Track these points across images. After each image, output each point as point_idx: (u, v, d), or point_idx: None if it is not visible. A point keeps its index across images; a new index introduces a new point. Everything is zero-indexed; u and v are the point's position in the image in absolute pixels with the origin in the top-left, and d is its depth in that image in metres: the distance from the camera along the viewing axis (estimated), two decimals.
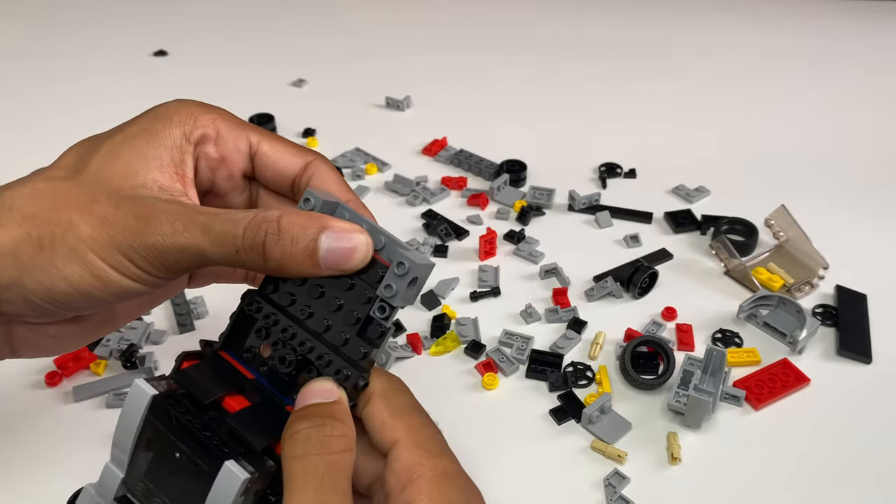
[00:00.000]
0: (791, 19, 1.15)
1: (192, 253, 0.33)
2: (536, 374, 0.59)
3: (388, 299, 0.33)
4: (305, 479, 0.30)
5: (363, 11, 1.19)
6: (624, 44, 1.10)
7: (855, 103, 0.95)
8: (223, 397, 0.34)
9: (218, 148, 0.38)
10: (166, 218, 0.33)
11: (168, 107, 0.38)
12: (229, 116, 0.39)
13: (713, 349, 0.55)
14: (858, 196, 0.79)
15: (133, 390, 0.33)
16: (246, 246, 0.33)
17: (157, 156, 0.36)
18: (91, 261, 0.33)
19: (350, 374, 0.33)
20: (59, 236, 0.33)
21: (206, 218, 0.34)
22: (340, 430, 0.32)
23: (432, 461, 0.32)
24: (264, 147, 0.39)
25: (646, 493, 0.51)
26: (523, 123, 0.91)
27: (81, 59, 1.06)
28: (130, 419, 0.33)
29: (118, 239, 0.33)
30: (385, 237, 0.34)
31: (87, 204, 0.34)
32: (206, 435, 0.32)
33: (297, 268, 0.33)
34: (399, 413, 0.33)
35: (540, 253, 0.71)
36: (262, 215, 0.33)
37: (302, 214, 0.33)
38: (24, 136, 0.91)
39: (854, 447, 0.54)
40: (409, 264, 0.32)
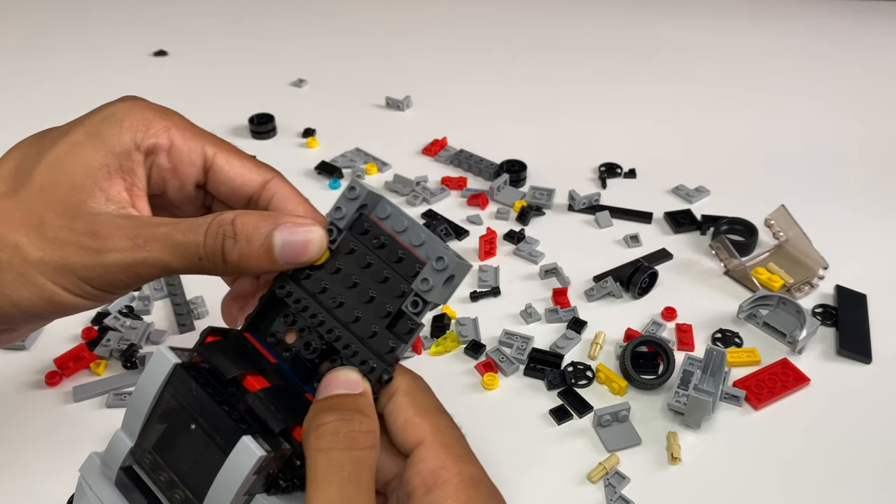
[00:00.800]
0: (791, 19, 1.15)
1: (153, 266, 0.33)
2: (535, 373, 0.59)
3: (424, 294, 0.33)
4: (331, 473, 0.30)
5: (363, 11, 1.19)
6: (624, 44, 1.10)
7: (855, 103, 0.95)
8: (244, 375, 0.33)
9: (171, 159, 0.37)
10: (125, 234, 0.33)
11: (118, 108, 0.36)
12: (185, 124, 0.37)
13: (713, 349, 0.55)
14: (858, 196, 0.79)
15: (156, 356, 0.33)
16: (208, 253, 0.33)
17: (105, 164, 0.34)
18: (42, 284, 0.32)
19: (375, 367, 0.33)
20: (6, 262, 0.32)
21: (166, 230, 0.33)
22: (368, 425, 0.32)
23: (459, 466, 0.32)
24: (220, 161, 0.37)
25: (646, 493, 0.51)
26: (523, 123, 0.91)
27: (81, 58, 1.06)
28: (149, 385, 0.33)
29: (73, 260, 0.32)
30: (424, 234, 0.34)
31: (34, 225, 0.33)
32: (224, 409, 0.31)
33: (256, 265, 0.33)
34: (424, 413, 0.33)
35: (540, 253, 0.71)
36: (218, 219, 0.33)
37: (255, 214, 0.33)
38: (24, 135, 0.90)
39: (854, 447, 0.54)
40: (449, 260, 0.32)
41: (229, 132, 0.90)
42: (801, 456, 0.54)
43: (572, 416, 0.56)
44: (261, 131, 0.88)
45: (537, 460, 0.54)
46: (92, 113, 0.36)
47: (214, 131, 0.99)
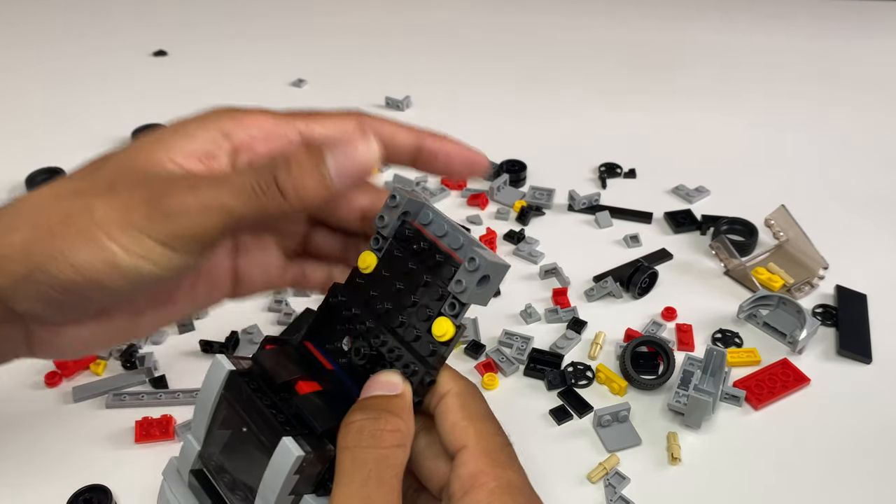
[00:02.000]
0: (791, 19, 1.15)
1: (213, 209, 0.32)
2: (535, 374, 0.59)
3: (458, 295, 0.33)
4: (353, 470, 0.31)
5: (363, 11, 1.19)
6: (624, 44, 1.10)
7: (855, 103, 0.95)
8: (297, 380, 0.34)
9: (269, 144, 0.37)
10: (184, 181, 0.33)
11: (207, 112, 0.38)
12: (272, 114, 0.39)
13: (713, 349, 0.55)
14: (859, 196, 0.79)
15: (212, 365, 0.34)
16: (262, 186, 0.33)
17: (183, 146, 0.35)
18: (101, 243, 0.32)
19: (417, 370, 0.34)
20: (72, 221, 0.32)
21: (224, 174, 0.34)
22: (394, 424, 0.32)
23: (497, 471, 0.32)
24: (315, 129, 0.38)
25: (646, 493, 0.51)
26: (523, 123, 0.91)
27: (81, 57, 1.06)
28: (208, 393, 0.34)
29: (134, 212, 0.32)
30: (463, 237, 0.34)
31: (104, 190, 0.33)
32: (272, 412, 0.32)
33: (313, 192, 0.33)
34: (472, 418, 0.34)
35: (540, 253, 0.71)
36: (272, 156, 0.34)
37: (306, 145, 0.34)
38: (24, 136, 0.90)
39: (854, 447, 0.54)
40: (480, 260, 0.33)
41: None
42: (801, 456, 0.54)
43: (572, 417, 0.56)
44: None
45: (537, 460, 0.54)
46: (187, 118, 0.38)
47: None
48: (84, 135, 0.89)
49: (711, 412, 0.55)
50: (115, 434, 0.55)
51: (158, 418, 0.54)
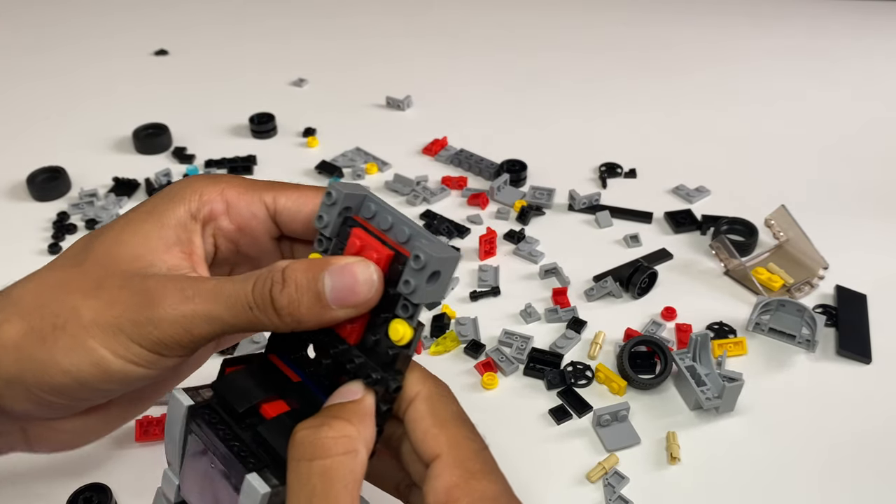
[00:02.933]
0: (791, 19, 1.15)
1: (203, 319, 0.32)
2: (535, 373, 0.59)
3: (409, 296, 0.31)
4: (298, 488, 0.29)
5: (363, 11, 1.19)
6: (624, 43, 1.10)
7: (855, 103, 0.95)
8: (261, 403, 0.33)
9: (232, 219, 0.37)
10: (175, 287, 0.32)
11: (172, 187, 0.37)
12: (239, 182, 0.37)
13: (695, 335, 0.57)
14: (858, 196, 0.79)
15: (171, 401, 0.33)
16: (257, 302, 0.32)
17: (162, 236, 0.35)
18: (91, 348, 0.32)
19: (380, 378, 0.32)
20: (60, 326, 0.32)
21: (215, 282, 0.32)
22: (339, 430, 0.30)
23: (472, 484, 0.30)
24: (282, 201, 0.37)
25: (645, 493, 0.51)
26: (523, 123, 0.91)
27: (82, 57, 1.07)
28: (173, 430, 0.33)
29: (123, 318, 0.32)
30: (409, 228, 0.32)
31: (91, 289, 0.33)
32: (234, 446, 0.31)
33: (307, 313, 0.32)
34: (443, 423, 0.32)
35: (540, 253, 0.71)
36: (269, 268, 0.32)
37: (305, 261, 0.32)
38: (24, 136, 0.91)
39: (854, 447, 0.54)
40: (426, 257, 0.30)
41: (229, 132, 0.90)
42: (800, 456, 0.54)
43: (572, 416, 0.56)
44: (261, 131, 0.88)
45: (536, 460, 0.54)
46: (151, 196, 0.38)
47: (215, 131, 1.00)
48: (85, 134, 0.89)
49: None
50: (116, 433, 0.54)
51: (159, 417, 0.54)
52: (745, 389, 0.57)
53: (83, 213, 0.76)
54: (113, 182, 0.80)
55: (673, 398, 0.58)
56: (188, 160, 0.84)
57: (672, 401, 0.58)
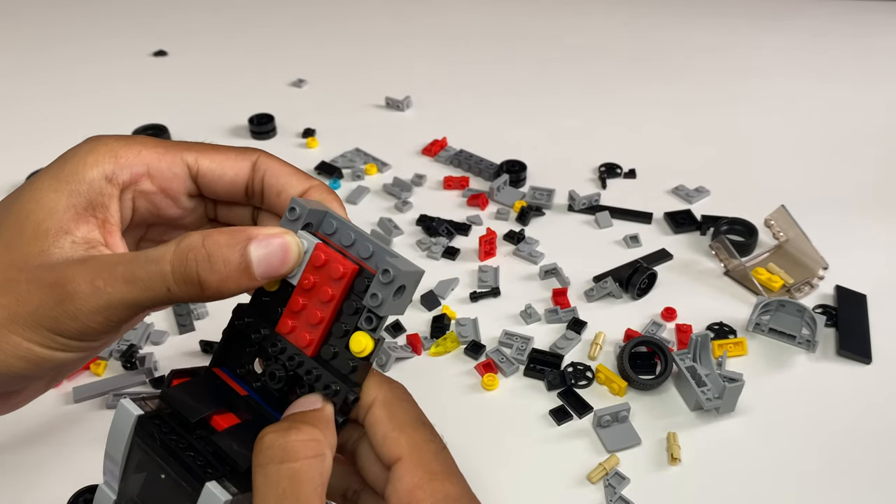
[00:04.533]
0: (791, 19, 1.15)
1: (121, 307, 0.31)
2: (535, 374, 0.59)
3: (375, 309, 0.32)
4: (267, 490, 0.29)
5: (363, 12, 1.19)
6: (624, 44, 1.10)
7: (855, 103, 0.95)
8: (211, 416, 0.33)
9: (154, 180, 0.35)
10: (83, 278, 0.31)
11: (79, 147, 0.35)
12: (155, 143, 0.36)
13: (695, 335, 0.57)
14: (858, 196, 0.79)
15: (118, 411, 0.32)
16: (178, 281, 0.31)
17: (72, 203, 0.33)
18: (15, 343, 0.31)
19: (339, 389, 0.32)
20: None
21: (125, 267, 0.31)
22: (308, 434, 0.30)
23: (433, 485, 0.31)
24: (204, 163, 0.36)
25: (646, 493, 0.51)
26: (523, 123, 0.91)
27: (81, 59, 1.06)
28: (118, 440, 0.32)
29: (39, 314, 0.31)
30: (372, 245, 0.33)
31: (0, 284, 0.32)
32: (189, 455, 0.31)
33: (234, 285, 0.31)
34: (402, 426, 0.32)
35: (540, 253, 0.71)
36: (184, 244, 0.31)
37: (224, 232, 0.31)
38: (24, 136, 0.91)
39: (854, 447, 0.54)
40: (395, 272, 0.31)
41: (229, 132, 0.90)
42: (800, 456, 0.54)
43: (572, 417, 0.56)
44: (261, 131, 0.88)
45: (537, 461, 0.54)
46: (57, 159, 0.35)
47: (214, 131, 1.00)
48: (84, 135, 0.89)
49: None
50: None
51: None
52: (746, 390, 0.57)
53: None
54: None
55: (673, 399, 0.58)
56: None
57: (672, 401, 0.58)
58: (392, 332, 0.63)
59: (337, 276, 0.33)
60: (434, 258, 0.71)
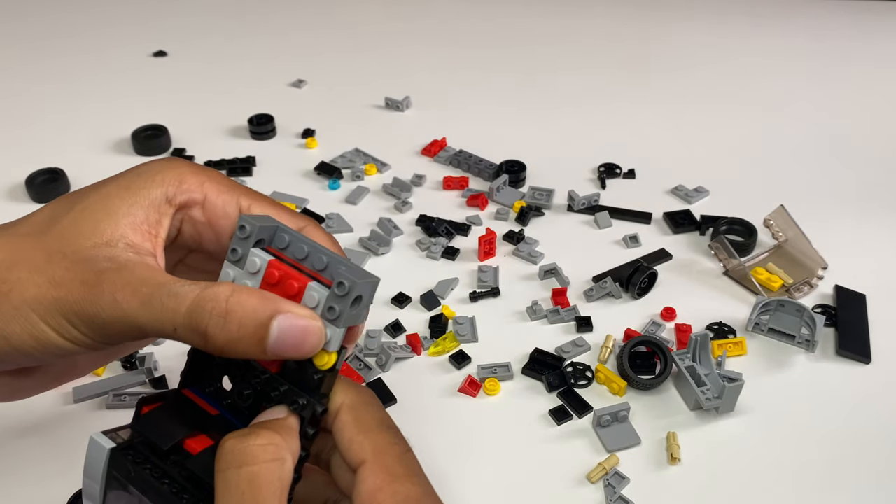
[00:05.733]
0: (791, 19, 1.15)
1: (131, 326, 0.32)
2: (534, 374, 0.59)
3: (333, 322, 0.32)
4: (227, 494, 0.29)
5: (363, 11, 1.19)
6: (624, 44, 1.10)
7: (854, 103, 0.95)
8: (184, 440, 0.33)
9: (205, 212, 0.37)
10: (109, 287, 0.32)
11: (153, 164, 0.37)
12: (220, 179, 0.37)
13: (695, 335, 0.57)
14: (858, 196, 0.79)
15: (90, 446, 0.32)
16: (184, 325, 0.31)
17: (131, 213, 0.35)
18: (33, 322, 0.32)
19: (305, 403, 0.32)
20: (4, 293, 0.32)
21: (148, 291, 0.31)
22: (266, 438, 0.30)
23: (395, 486, 0.31)
24: (255, 210, 0.37)
25: (646, 493, 0.51)
26: (523, 123, 0.91)
27: (81, 58, 1.06)
28: (93, 475, 0.32)
29: (62, 303, 0.32)
30: (326, 256, 0.32)
31: (40, 263, 0.33)
32: (165, 483, 0.31)
33: (242, 351, 0.31)
34: (367, 431, 0.33)
35: (539, 253, 0.71)
36: (209, 293, 0.31)
37: (254, 295, 0.31)
38: (23, 136, 0.91)
39: (854, 447, 0.54)
40: (350, 283, 0.31)
41: (229, 133, 0.90)
42: (800, 456, 0.54)
43: (572, 417, 0.56)
44: (260, 132, 0.88)
45: (537, 461, 0.54)
46: (130, 169, 0.37)
47: (214, 132, 1.00)
48: (84, 135, 0.89)
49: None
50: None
51: None
52: (745, 389, 0.57)
53: None
54: None
55: (673, 398, 0.58)
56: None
57: (672, 401, 0.58)
58: (392, 332, 0.63)
59: (293, 293, 0.32)
60: (434, 258, 0.71)
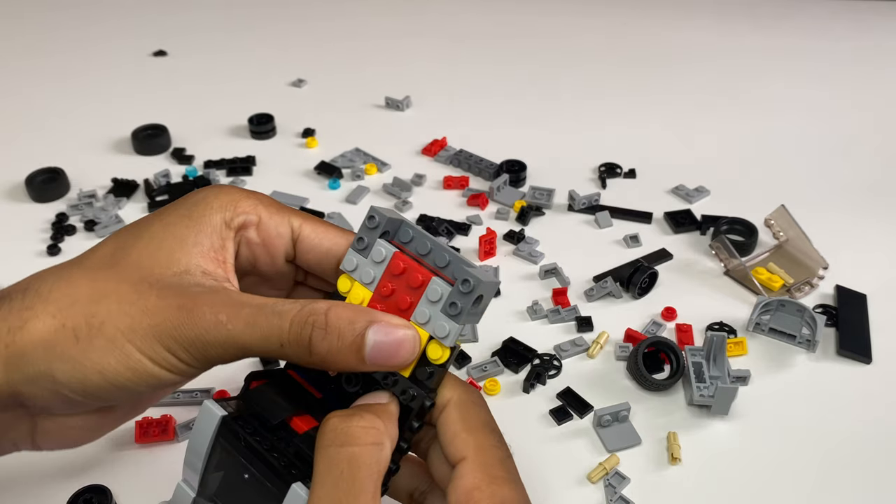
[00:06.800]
0: (791, 19, 1.15)
1: (235, 346, 0.32)
2: (508, 363, 0.59)
3: (454, 318, 0.32)
4: (326, 471, 0.30)
5: (363, 12, 1.19)
6: (623, 44, 1.10)
7: (855, 103, 0.95)
8: (291, 417, 0.33)
9: (260, 233, 0.38)
10: (210, 309, 0.32)
11: (207, 193, 0.38)
12: (270, 202, 0.39)
13: (712, 335, 0.57)
14: (859, 196, 0.79)
15: (202, 412, 0.33)
16: (291, 340, 0.32)
17: (198, 241, 0.35)
18: (129, 352, 0.32)
19: (416, 395, 0.33)
20: (97, 327, 0.32)
21: (251, 311, 0.32)
22: (369, 421, 0.31)
23: (493, 488, 0.32)
24: (306, 230, 0.38)
25: (646, 494, 0.51)
26: (523, 123, 0.91)
27: (81, 58, 1.06)
28: (200, 440, 0.33)
29: (160, 330, 0.32)
30: (449, 255, 0.33)
31: (127, 294, 0.33)
32: (273, 456, 0.32)
33: (343, 362, 0.32)
34: (472, 429, 0.33)
35: (540, 253, 0.71)
36: (309, 308, 0.32)
37: (349, 307, 0.32)
38: (23, 136, 0.90)
39: (854, 447, 0.54)
40: (475, 282, 0.32)
41: (229, 132, 0.90)
42: (801, 456, 0.54)
43: (572, 417, 0.56)
44: (260, 131, 0.88)
45: (537, 461, 0.54)
46: (183, 199, 0.38)
47: (214, 132, 1.00)
48: (84, 135, 0.89)
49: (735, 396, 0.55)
50: (115, 434, 0.54)
51: (158, 418, 0.54)
52: (746, 389, 0.57)
53: (82, 214, 0.76)
54: (112, 183, 0.80)
55: (674, 399, 0.58)
56: (187, 161, 0.84)
57: (673, 401, 0.58)
58: None
59: (416, 285, 0.33)
60: None
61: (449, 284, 0.33)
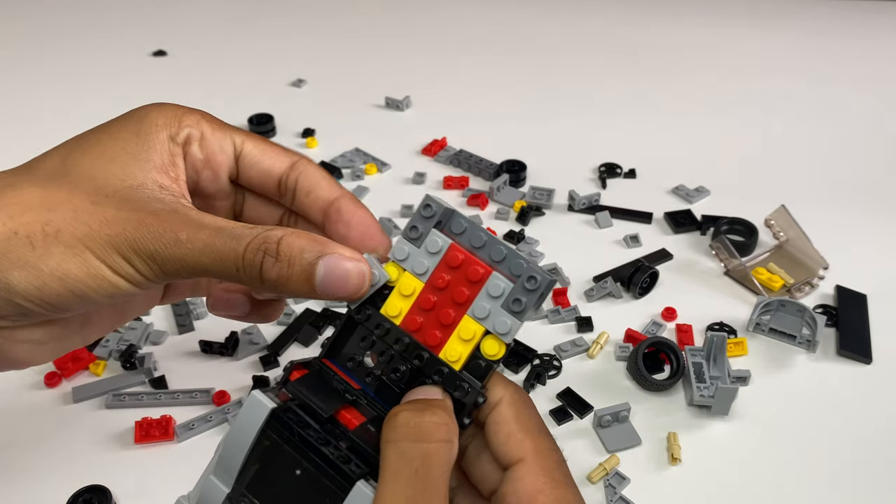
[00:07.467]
0: (791, 19, 1.15)
1: (192, 265, 0.32)
2: (508, 363, 0.59)
3: (517, 314, 0.32)
4: (399, 466, 0.29)
5: (363, 11, 1.19)
6: (624, 44, 1.10)
7: (854, 103, 0.95)
8: (339, 411, 0.32)
9: (203, 149, 0.37)
10: (170, 226, 0.32)
11: (150, 109, 0.37)
12: (212, 118, 0.38)
13: (713, 336, 0.57)
14: (858, 196, 0.79)
15: (250, 402, 0.32)
16: (245, 265, 0.32)
17: (150, 158, 0.35)
18: (88, 260, 0.32)
19: (470, 390, 0.32)
20: (52, 234, 0.32)
21: (210, 233, 0.32)
22: (442, 417, 0.31)
23: (557, 492, 0.31)
24: (248, 147, 0.38)
25: (646, 494, 0.51)
26: (523, 123, 0.91)
27: (81, 59, 1.06)
28: (245, 432, 0.31)
29: (118, 241, 0.32)
30: (506, 249, 0.33)
31: (82, 203, 0.32)
32: (331, 452, 0.31)
33: (294, 289, 0.32)
34: (528, 430, 0.33)
35: (540, 253, 0.71)
36: (264, 234, 0.32)
37: (304, 236, 0.32)
38: (23, 136, 0.90)
39: (854, 447, 0.54)
40: (542, 279, 0.31)
41: None
42: (801, 456, 0.54)
43: (572, 417, 0.56)
44: (260, 131, 0.88)
45: None
46: (127, 114, 0.37)
47: None
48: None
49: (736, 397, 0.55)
50: (115, 434, 0.55)
51: (158, 419, 0.54)
52: (746, 390, 0.57)
53: None
54: None
55: (674, 399, 0.58)
56: None
57: (673, 401, 0.57)
58: None
59: (476, 279, 0.33)
60: None
61: (509, 280, 0.32)
